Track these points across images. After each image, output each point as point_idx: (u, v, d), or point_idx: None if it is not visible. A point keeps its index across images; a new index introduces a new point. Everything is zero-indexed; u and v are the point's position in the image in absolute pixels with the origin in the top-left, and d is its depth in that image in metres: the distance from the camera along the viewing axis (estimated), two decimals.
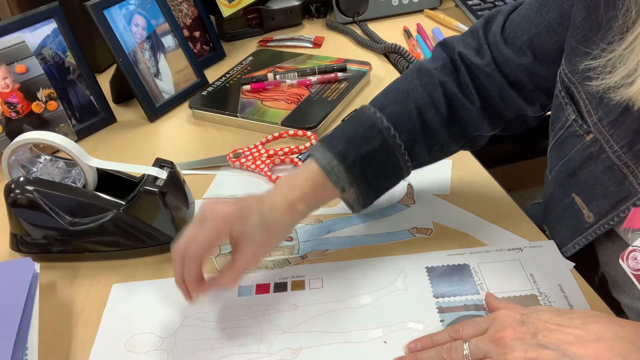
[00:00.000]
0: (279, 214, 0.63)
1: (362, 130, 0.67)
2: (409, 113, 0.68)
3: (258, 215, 0.61)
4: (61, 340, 0.64)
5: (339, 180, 0.65)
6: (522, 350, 0.51)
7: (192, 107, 1.03)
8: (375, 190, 0.69)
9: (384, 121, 0.67)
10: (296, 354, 0.61)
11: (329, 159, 0.65)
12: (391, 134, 0.67)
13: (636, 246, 0.56)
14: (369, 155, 0.66)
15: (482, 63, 0.69)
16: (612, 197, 0.61)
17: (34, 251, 0.74)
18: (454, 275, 0.68)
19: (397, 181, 0.71)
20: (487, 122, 0.71)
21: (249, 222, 0.61)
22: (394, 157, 0.67)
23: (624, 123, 0.58)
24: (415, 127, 0.68)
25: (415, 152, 0.69)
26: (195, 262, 0.59)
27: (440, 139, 0.70)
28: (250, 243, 0.61)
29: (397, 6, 1.34)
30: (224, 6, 1.21)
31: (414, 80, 0.70)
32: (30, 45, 0.93)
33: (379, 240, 0.74)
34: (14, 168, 0.76)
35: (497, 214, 0.77)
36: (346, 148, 0.65)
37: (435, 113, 0.68)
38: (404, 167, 0.69)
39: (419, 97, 0.68)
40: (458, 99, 0.69)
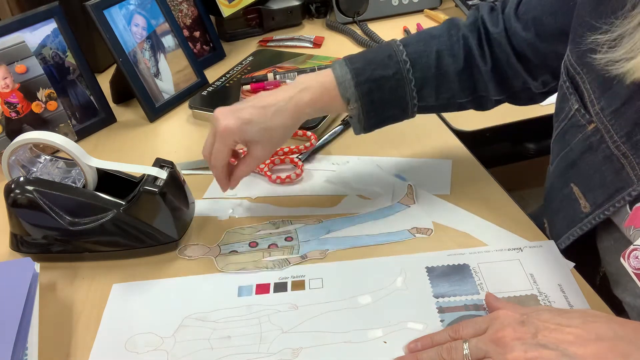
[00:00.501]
0: (282, 117, 0.70)
1: (381, 57, 0.73)
2: (429, 54, 0.73)
3: (258, 125, 0.70)
4: (61, 340, 0.64)
5: (346, 92, 0.71)
6: (522, 350, 0.51)
7: (192, 107, 1.03)
8: (377, 114, 0.74)
9: (404, 55, 0.72)
10: (296, 354, 0.61)
11: (344, 72, 0.72)
12: (406, 67, 0.72)
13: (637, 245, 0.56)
14: (380, 79, 0.72)
15: (495, 31, 0.74)
16: (609, 187, 0.62)
17: (34, 251, 0.74)
18: (454, 275, 0.68)
19: (400, 115, 0.75)
20: (494, 85, 0.75)
21: (249, 132, 0.70)
22: (402, 89, 0.72)
23: (625, 114, 0.59)
24: (431, 69, 0.73)
25: (424, 93, 0.74)
26: (219, 168, 0.73)
27: (451, 88, 0.74)
28: (255, 145, 0.72)
29: (397, 6, 1.34)
30: (224, 6, 1.21)
31: (443, 29, 0.75)
32: (30, 45, 0.93)
33: (379, 240, 0.74)
34: (14, 168, 0.76)
35: (497, 214, 0.77)
36: (362, 67, 0.72)
37: (452, 61, 0.73)
38: (409, 102, 0.73)
39: (442, 43, 0.74)
40: (474, 55, 0.74)
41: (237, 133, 0.70)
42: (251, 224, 0.78)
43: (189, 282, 0.70)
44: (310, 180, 0.86)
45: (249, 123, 0.70)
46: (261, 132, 0.70)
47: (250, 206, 0.82)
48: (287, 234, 0.76)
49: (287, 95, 0.71)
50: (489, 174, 0.85)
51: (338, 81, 0.72)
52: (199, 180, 0.86)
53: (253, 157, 0.73)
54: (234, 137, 0.70)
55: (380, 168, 0.87)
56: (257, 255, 0.73)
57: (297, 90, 0.71)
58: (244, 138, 0.71)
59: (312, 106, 0.72)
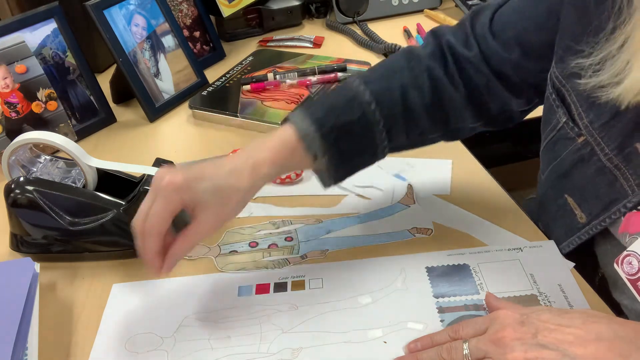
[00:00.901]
0: (237, 178, 0.60)
1: (342, 101, 0.65)
2: (393, 91, 0.67)
3: (209, 181, 0.59)
4: (61, 340, 0.64)
5: (312, 146, 0.63)
6: (522, 350, 0.51)
7: (192, 107, 1.03)
8: (347, 164, 0.67)
9: (367, 95, 0.65)
10: (296, 354, 0.61)
11: (306, 124, 0.63)
12: (372, 108, 0.65)
13: (631, 251, 0.56)
14: (346, 125, 0.64)
15: (469, 55, 0.69)
16: (604, 199, 0.62)
17: (34, 251, 0.74)
18: (454, 275, 0.68)
19: (370, 160, 0.69)
20: (470, 113, 0.70)
21: (199, 189, 0.58)
22: (370, 132, 0.66)
23: (614, 126, 0.59)
24: (397, 106, 0.66)
25: (393, 132, 0.67)
26: (153, 238, 0.58)
27: (421, 124, 0.69)
28: (204, 210, 0.59)
29: (397, 6, 1.34)
30: (224, 6, 1.21)
31: (402, 61, 0.69)
32: (30, 45, 0.93)
33: (379, 240, 0.74)
34: (14, 168, 0.76)
35: (497, 214, 0.77)
36: (325, 115, 0.64)
37: (419, 96, 0.67)
38: (379, 145, 0.67)
39: (405, 77, 0.68)
40: (443, 85, 0.68)
41: (183, 190, 0.58)
42: (251, 224, 0.78)
43: (189, 282, 0.70)
44: (310, 180, 0.86)
45: (200, 179, 0.58)
46: (213, 192, 0.59)
47: (250, 206, 0.82)
48: (287, 234, 0.76)
49: (242, 156, 0.62)
50: (489, 174, 0.85)
51: (300, 134, 0.63)
52: None
53: (200, 226, 0.59)
54: (179, 195, 0.58)
55: (380, 168, 0.87)
56: (257, 255, 0.73)
57: (252, 150, 0.62)
58: (191, 197, 0.58)
59: (271, 165, 0.62)
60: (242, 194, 0.61)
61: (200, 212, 0.59)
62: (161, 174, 0.58)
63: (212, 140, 0.97)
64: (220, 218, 0.60)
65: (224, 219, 0.61)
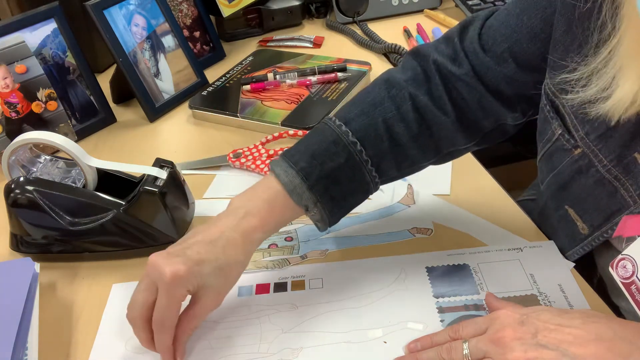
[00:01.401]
0: (234, 251, 0.59)
1: (325, 145, 0.63)
2: (376, 127, 0.64)
3: (210, 264, 0.57)
4: (61, 340, 0.64)
5: (301, 200, 0.61)
6: (522, 350, 0.51)
7: (192, 107, 1.03)
8: (341, 207, 0.65)
9: (350, 136, 0.63)
10: (296, 354, 0.61)
11: (291, 177, 0.61)
12: (357, 149, 0.63)
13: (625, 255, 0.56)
14: (334, 172, 0.62)
15: (460, 72, 0.66)
16: (605, 210, 0.61)
17: (34, 251, 0.74)
18: (454, 275, 0.68)
19: (364, 197, 0.67)
20: (462, 135, 0.68)
21: (203, 275, 0.56)
22: (360, 173, 0.64)
23: (611, 137, 0.58)
24: (383, 142, 0.64)
25: (383, 168, 0.65)
26: (167, 334, 0.57)
27: (410, 155, 0.66)
28: (207, 292, 0.58)
29: (397, 6, 1.34)
30: (224, 6, 1.21)
31: (382, 92, 0.66)
32: (30, 45, 0.93)
33: (379, 240, 0.74)
34: (14, 168, 0.76)
35: (497, 214, 0.77)
36: (309, 165, 0.61)
37: (405, 127, 0.65)
38: (371, 182, 0.65)
39: (387, 110, 0.65)
40: (431, 111, 0.66)
41: (189, 280, 0.55)
42: None
43: None
44: None
45: (201, 263, 0.56)
46: (216, 273, 0.57)
47: None
48: (287, 234, 0.76)
49: (230, 224, 0.59)
50: (489, 174, 0.85)
51: (288, 189, 0.61)
52: (199, 180, 0.86)
53: (202, 308, 0.58)
54: (186, 286, 0.56)
55: None
56: (257, 255, 0.73)
57: (239, 216, 0.60)
58: (197, 284, 0.56)
59: (263, 230, 0.60)
60: (241, 267, 0.60)
61: (203, 294, 0.58)
62: (159, 264, 0.56)
63: (212, 140, 0.97)
64: (223, 294, 0.60)
65: (226, 293, 0.60)
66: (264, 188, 0.62)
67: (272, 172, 0.63)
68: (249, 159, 0.88)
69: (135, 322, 0.58)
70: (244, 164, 0.88)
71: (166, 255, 0.57)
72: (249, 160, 0.88)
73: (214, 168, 0.90)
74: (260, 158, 0.89)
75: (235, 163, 0.89)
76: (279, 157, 0.64)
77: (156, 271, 0.56)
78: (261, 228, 0.60)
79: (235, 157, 0.89)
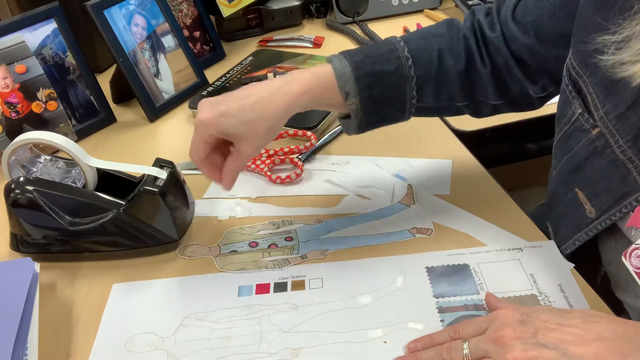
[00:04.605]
0: (264, 108, 0.65)
1: (381, 52, 0.70)
2: (430, 52, 0.71)
3: (235, 117, 0.64)
4: (61, 340, 0.64)
5: (345, 85, 0.67)
6: (522, 350, 0.51)
7: (192, 107, 1.03)
8: (375, 112, 0.70)
9: (405, 51, 0.70)
10: (296, 354, 0.61)
11: (343, 65, 0.68)
12: (408, 64, 0.69)
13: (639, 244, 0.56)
14: (381, 74, 0.68)
15: (492, 35, 0.72)
16: (615, 192, 0.62)
17: (34, 251, 0.74)
18: (454, 275, 0.68)
19: (397, 115, 0.72)
20: (493, 89, 0.73)
21: (226, 126, 0.64)
22: (402, 86, 0.70)
23: (630, 118, 0.59)
24: (432, 67, 0.70)
25: (423, 92, 0.71)
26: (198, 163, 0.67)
27: (451, 89, 0.72)
28: (239, 140, 0.65)
29: (397, 6, 1.34)
30: (224, 6, 1.21)
31: (443, 27, 0.73)
32: (30, 45, 0.93)
33: (379, 240, 0.74)
34: (14, 168, 0.76)
35: (497, 214, 0.77)
36: (362, 60, 0.68)
37: (454, 62, 0.71)
38: (408, 101, 0.71)
39: (444, 42, 0.72)
40: (474, 57, 0.72)
41: (212, 126, 0.65)
42: (251, 224, 0.78)
43: (189, 282, 0.70)
44: (310, 180, 0.86)
45: (225, 115, 0.65)
46: (239, 126, 0.65)
47: (250, 206, 0.82)
48: (287, 234, 0.76)
49: (274, 86, 0.66)
50: (489, 174, 0.85)
51: (337, 73, 0.67)
52: (199, 180, 0.86)
53: (239, 153, 0.67)
54: (209, 131, 0.65)
55: (380, 168, 0.87)
56: (257, 255, 0.73)
57: (287, 81, 0.67)
58: (221, 131, 0.65)
59: (304, 97, 0.67)
60: (271, 122, 0.66)
61: (237, 142, 0.66)
62: (199, 107, 0.66)
63: None
64: (255, 145, 0.67)
65: (259, 145, 0.67)
66: (316, 69, 0.69)
67: (328, 60, 0.69)
68: (249, 159, 0.88)
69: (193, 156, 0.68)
70: None
71: (207, 103, 0.66)
72: (249, 160, 0.88)
73: None
74: (260, 158, 0.89)
75: None
76: (339, 53, 0.70)
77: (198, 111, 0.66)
78: (303, 94, 0.66)
79: None
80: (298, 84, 0.66)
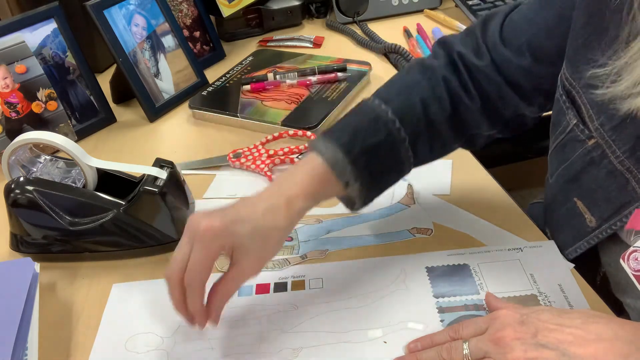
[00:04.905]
0: (274, 216, 0.58)
1: (367, 122, 0.64)
2: (414, 106, 0.66)
3: (248, 224, 0.57)
4: (61, 340, 0.64)
5: (343, 174, 0.62)
6: (522, 350, 0.51)
7: (192, 107, 1.03)
8: (377, 185, 0.66)
9: (389, 113, 0.64)
10: (296, 354, 0.61)
11: (333, 152, 0.61)
12: (396, 127, 0.64)
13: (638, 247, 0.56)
14: (375, 147, 0.63)
15: (481, 64, 0.68)
16: (615, 202, 0.61)
17: (34, 251, 0.74)
18: (454, 275, 0.68)
19: (397, 177, 0.68)
20: (486, 121, 0.70)
21: (239, 233, 0.56)
22: (397, 151, 0.65)
23: (626, 128, 0.58)
24: (420, 121, 0.66)
25: (418, 147, 0.66)
26: (197, 290, 0.56)
27: (443, 135, 0.68)
28: (245, 255, 0.57)
29: (397, 6, 1.34)
30: (224, 6, 1.21)
31: (417, 74, 0.69)
32: (30, 45, 0.93)
33: (379, 240, 0.74)
34: (14, 168, 0.76)
35: (497, 214, 0.77)
36: (351, 140, 0.62)
37: (439, 108, 0.67)
38: (406, 162, 0.66)
39: (423, 91, 0.67)
40: (460, 96, 0.68)
41: (223, 235, 0.56)
42: None
43: None
44: None
45: (238, 222, 0.57)
46: (253, 234, 0.57)
47: None
48: None
49: (274, 192, 0.60)
50: (489, 174, 0.85)
51: (330, 163, 0.61)
52: (199, 180, 0.86)
53: (242, 270, 0.58)
54: (219, 241, 0.56)
55: None
56: None
57: (283, 185, 0.61)
58: (232, 242, 0.56)
59: (306, 199, 0.60)
60: (281, 233, 0.60)
61: (241, 256, 0.57)
62: (196, 219, 0.56)
63: (212, 140, 0.97)
64: (262, 260, 0.60)
65: (266, 259, 0.60)
66: (305, 164, 0.62)
67: (313, 149, 0.63)
68: (249, 159, 0.88)
69: (171, 278, 0.56)
70: (244, 164, 0.88)
71: (205, 213, 0.57)
72: (249, 160, 0.88)
73: (214, 168, 0.90)
74: (260, 158, 0.89)
75: (235, 163, 0.89)
76: (319, 135, 0.64)
77: (193, 225, 0.56)
78: (304, 198, 0.60)
79: (235, 157, 0.89)
80: (297, 187, 0.60)
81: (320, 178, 0.61)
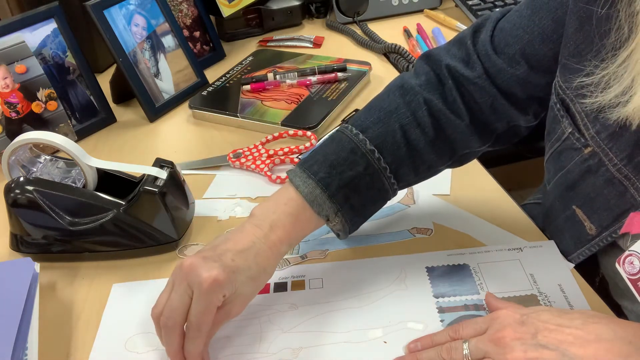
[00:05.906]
0: (263, 262, 0.59)
1: (344, 154, 0.63)
2: (393, 134, 0.64)
3: (245, 273, 0.58)
4: (61, 340, 0.65)
5: (322, 210, 0.62)
6: (522, 350, 0.51)
7: (192, 107, 1.03)
8: (361, 215, 0.66)
9: (367, 144, 0.63)
10: (296, 354, 0.61)
11: (311, 188, 0.61)
12: (375, 157, 0.63)
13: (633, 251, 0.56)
14: (353, 181, 0.62)
15: (472, 75, 0.66)
16: (614, 210, 0.61)
17: (34, 251, 0.74)
18: (454, 275, 0.68)
19: (383, 204, 0.67)
20: (476, 137, 0.68)
21: (238, 282, 0.57)
22: (379, 181, 0.64)
23: (622, 136, 0.58)
24: (400, 148, 0.64)
25: (401, 173, 0.65)
26: (201, 339, 0.56)
27: (427, 159, 0.67)
28: (236, 299, 0.58)
29: (397, 6, 1.34)
30: (224, 6, 1.21)
31: (397, 98, 0.66)
32: (30, 45, 0.93)
33: (379, 240, 0.74)
34: (14, 168, 0.76)
35: (497, 214, 0.77)
36: (329, 175, 0.62)
37: (421, 133, 0.65)
38: (389, 189, 0.65)
39: (403, 116, 0.65)
40: (445, 116, 0.65)
41: (226, 286, 0.56)
42: None
43: None
44: None
45: (237, 271, 0.57)
46: (248, 282, 0.58)
47: (250, 206, 0.81)
48: None
49: (258, 235, 0.60)
50: (489, 174, 0.85)
51: (308, 200, 0.61)
52: (199, 180, 0.86)
53: (227, 314, 0.58)
54: (222, 292, 0.56)
55: None
56: None
57: (265, 229, 0.60)
58: (231, 291, 0.57)
59: (289, 242, 0.61)
60: (268, 277, 0.61)
61: (232, 301, 0.58)
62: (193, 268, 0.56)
63: (212, 140, 0.97)
64: (248, 301, 0.60)
65: (250, 300, 0.61)
66: (285, 200, 0.62)
67: (291, 183, 0.62)
68: (249, 159, 0.88)
69: (173, 327, 0.56)
70: (244, 164, 0.88)
71: (202, 260, 0.56)
72: (249, 160, 0.88)
73: (214, 168, 0.90)
74: (260, 158, 0.89)
75: (235, 163, 0.89)
76: (297, 167, 0.64)
77: (195, 276, 0.55)
78: (287, 241, 0.61)
79: (235, 157, 0.89)
80: (278, 230, 0.60)
81: (300, 217, 0.62)
